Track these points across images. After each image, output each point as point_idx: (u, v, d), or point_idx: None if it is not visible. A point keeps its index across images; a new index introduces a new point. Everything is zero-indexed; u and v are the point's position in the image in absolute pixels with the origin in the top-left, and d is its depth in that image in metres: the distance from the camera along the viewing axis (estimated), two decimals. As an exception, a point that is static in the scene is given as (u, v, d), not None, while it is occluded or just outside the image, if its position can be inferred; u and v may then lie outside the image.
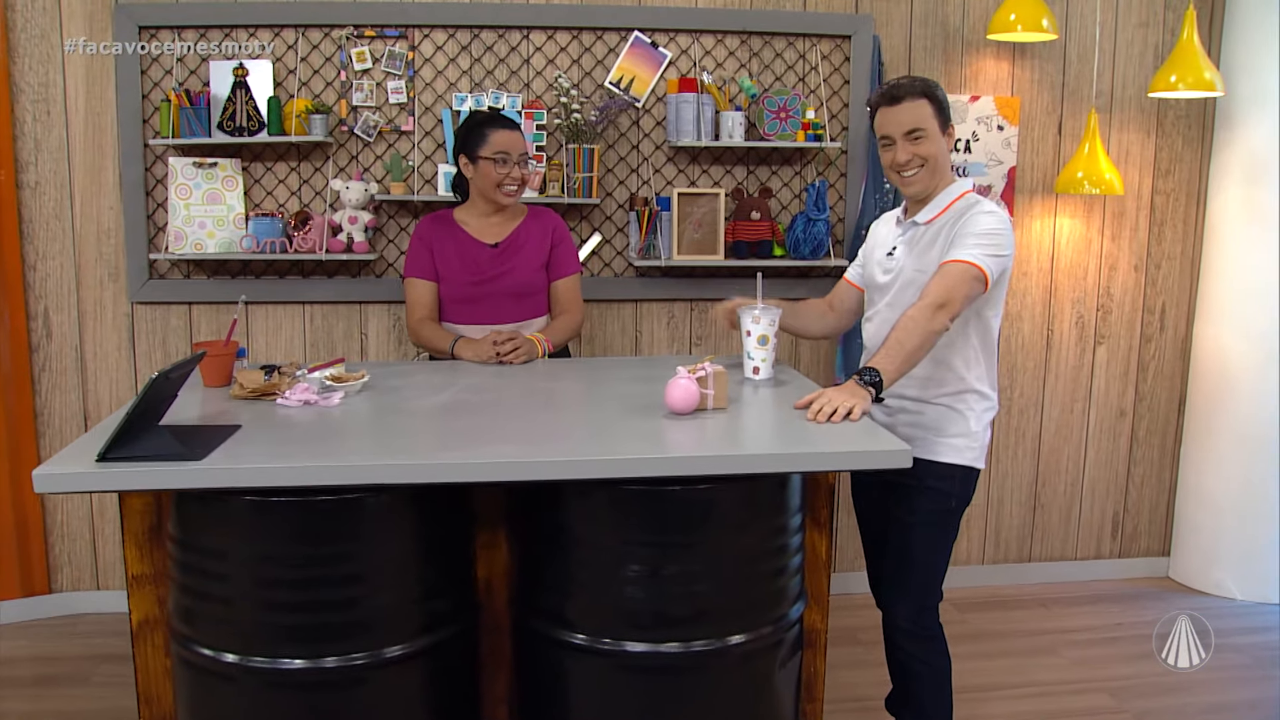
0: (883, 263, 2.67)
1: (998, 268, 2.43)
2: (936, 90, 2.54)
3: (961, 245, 2.42)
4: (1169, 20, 3.95)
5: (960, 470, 2.55)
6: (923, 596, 2.62)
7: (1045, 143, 4.00)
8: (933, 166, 2.52)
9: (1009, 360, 4.09)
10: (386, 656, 2.09)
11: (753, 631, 2.14)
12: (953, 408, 2.55)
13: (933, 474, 2.53)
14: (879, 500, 2.70)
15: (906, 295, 2.52)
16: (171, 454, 1.90)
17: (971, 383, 2.55)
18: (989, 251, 2.41)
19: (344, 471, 1.92)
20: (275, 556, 2.02)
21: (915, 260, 2.56)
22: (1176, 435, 4.25)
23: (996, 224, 2.45)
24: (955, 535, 2.66)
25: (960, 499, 2.59)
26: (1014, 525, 4.21)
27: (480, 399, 2.45)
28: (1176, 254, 4.13)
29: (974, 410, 2.56)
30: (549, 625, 2.14)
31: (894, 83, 2.55)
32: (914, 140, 2.51)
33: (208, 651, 2.06)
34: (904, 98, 2.50)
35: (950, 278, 2.38)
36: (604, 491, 2.04)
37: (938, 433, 2.55)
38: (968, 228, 2.45)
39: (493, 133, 3.01)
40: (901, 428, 2.56)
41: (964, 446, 2.55)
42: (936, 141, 2.52)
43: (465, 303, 3.05)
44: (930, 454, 2.54)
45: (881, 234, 2.75)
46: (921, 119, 2.50)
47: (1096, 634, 3.76)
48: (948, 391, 2.55)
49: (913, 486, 2.54)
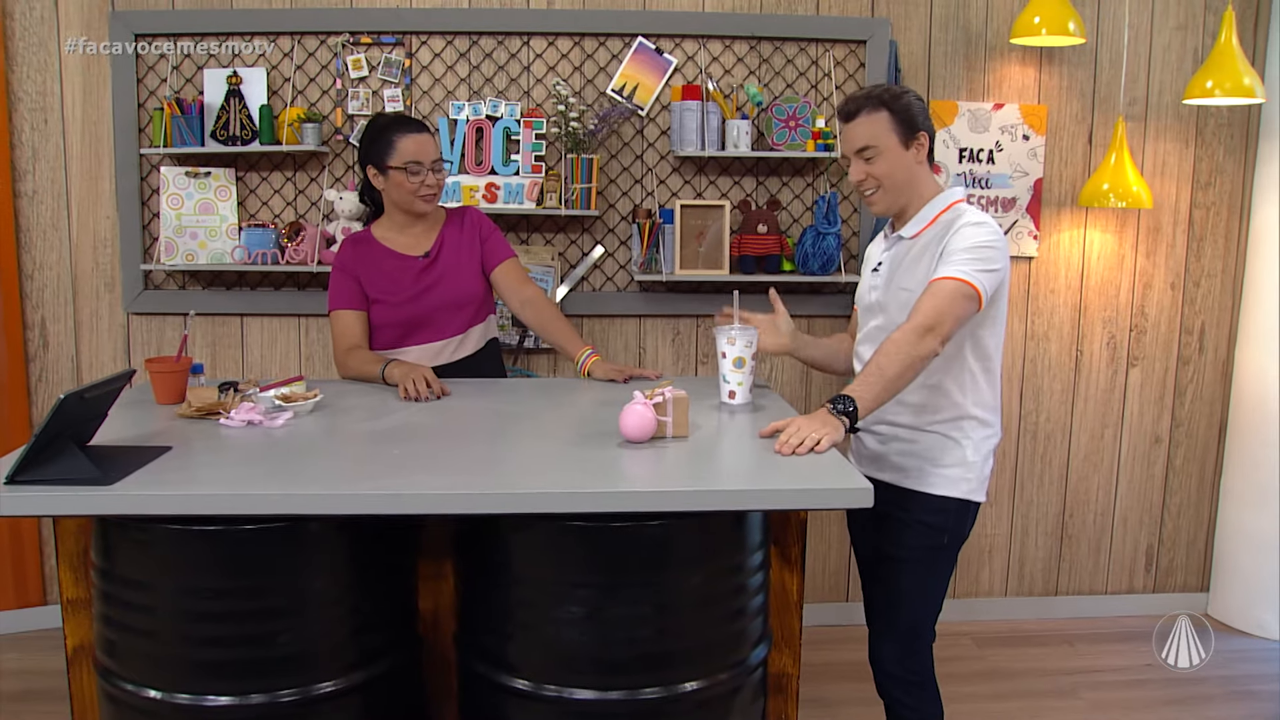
0: (869, 280, 2.51)
1: (992, 283, 2.24)
2: (901, 98, 2.34)
3: (950, 260, 2.25)
4: (1209, 23, 3.72)
5: (955, 503, 2.37)
6: (910, 639, 2.44)
7: (1074, 153, 3.79)
8: (892, 185, 2.36)
9: (1034, 382, 3.87)
10: (318, 693, 1.98)
11: (708, 678, 1.99)
12: (948, 436, 2.36)
13: (925, 507, 2.36)
14: (871, 529, 2.52)
15: (896, 315, 2.35)
16: (80, 478, 1.81)
17: (969, 408, 2.36)
18: (981, 266, 2.23)
19: (255, 500, 1.81)
20: (197, 588, 1.92)
21: (902, 277, 2.38)
22: (1216, 464, 3.99)
23: (987, 235, 2.27)
24: (950, 573, 2.47)
25: (954, 534, 2.40)
26: (1039, 557, 3.99)
27: (431, 422, 2.33)
28: (1217, 271, 3.88)
29: (972, 439, 2.37)
30: (491, 668, 2.01)
31: (849, 96, 2.39)
32: (866, 159, 2.35)
33: (130, 686, 1.96)
34: (857, 113, 2.34)
35: (939, 297, 2.20)
36: (542, 526, 1.91)
37: (932, 462, 2.37)
38: (956, 241, 2.27)
39: (401, 139, 2.77)
40: (894, 457, 2.41)
41: (959, 477, 2.36)
42: (893, 158, 2.34)
43: (404, 325, 2.85)
44: (923, 485, 2.37)
45: (871, 251, 2.59)
46: (874, 135, 2.33)
47: (1122, 675, 3.53)
48: (943, 418, 2.36)
49: (902, 519, 2.39)
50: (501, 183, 3.55)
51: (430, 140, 2.82)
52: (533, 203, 3.55)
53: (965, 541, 2.45)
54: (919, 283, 2.30)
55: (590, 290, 3.72)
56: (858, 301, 2.61)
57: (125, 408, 2.39)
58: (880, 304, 2.44)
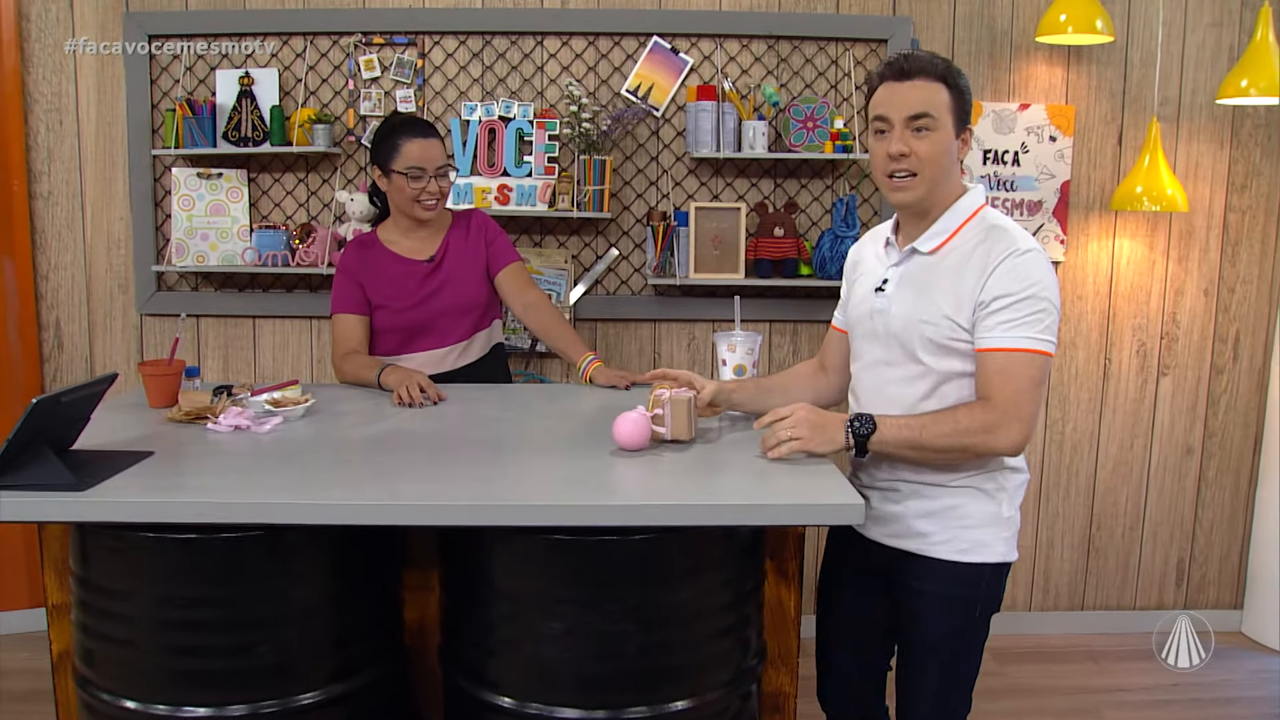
0: (870, 302, 2.07)
1: (1056, 332, 1.92)
2: (961, 79, 1.95)
3: (1013, 319, 1.87)
4: (1245, 19, 3.59)
5: (989, 570, 2.01)
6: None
7: (1103, 155, 3.67)
8: (932, 173, 1.94)
9: (1060, 391, 3.76)
10: (299, 704, 1.94)
11: (697, 697, 1.92)
12: (981, 489, 1.99)
13: (956, 578, 2.00)
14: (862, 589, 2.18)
15: (916, 349, 1.98)
16: (52, 483, 1.78)
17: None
18: (1049, 320, 1.88)
19: (226, 509, 1.77)
20: (175, 596, 1.88)
21: (914, 303, 1.98)
22: (1251, 476, 3.85)
23: (1044, 271, 1.90)
24: (984, 644, 2.09)
25: (987, 603, 2.04)
26: (1065, 570, 3.87)
27: (422, 429, 2.28)
28: (1253, 277, 3.74)
29: (1006, 490, 2.01)
30: (474, 684, 1.95)
31: (902, 54, 1.96)
32: (917, 131, 1.92)
33: (107, 697, 1.93)
34: (916, 74, 1.92)
35: (1016, 379, 1.85)
36: (524, 538, 1.85)
37: (961, 523, 1.99)
38: (1010, 284, 1.87)
39: (405, 144, 2.72)
40: (912, 519, 2.02)
41: (994, 539, 2.00)
42: (944, 141, 1.93)
43: (407, 330, 2.81)
44: (952, 553, 1.99)
45: (869, 262, 2.15)
46: (934, 104, 1.91)
47: (1148, 694, 3.41)
48: (973, 469, 1.98)
49: (925, 593, 2.03)
50: (514, 184, 3.51)
51: (436, 145, 2.76)
52: (545, 205, 3.50)
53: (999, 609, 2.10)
54: (939, 312, 1.94)
55: (604, 294, 3.66)
56: (849, 323, 2.18)
57: (116, 411, 2.37)
58: (890, 333, 2.02)
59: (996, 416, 1.87)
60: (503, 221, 3.46)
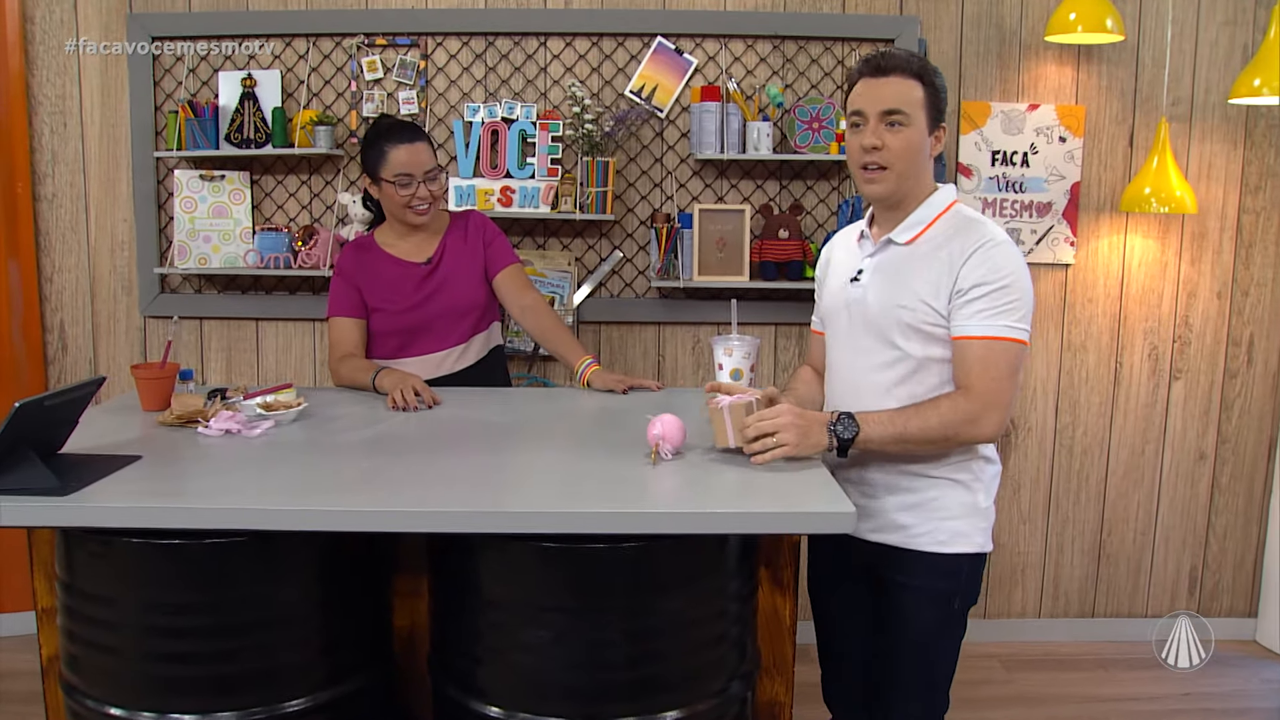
0: (845, 293, 2.13)
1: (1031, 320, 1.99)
2: (937, 78, 2.02)
3: (986, 305, 1.93)
4: (1259, 18, 3.53)
5: (968, 560, 2.07)
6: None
7: (1114, 155, 3.62)
8: (904, 168, 2.00)
9: (1070, 395, 3.71)
10: (286, 711, 1.92)
11: (688, 707, 1.89)
12: (957, 480, 2.05)
13: (937, 570, 2.05)
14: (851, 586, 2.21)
15: (891, 333, 2.03)
16: (35, 487, 1.76)
17: (979, 446, 2.06)
18: (1023, 310, 1.94)
19: (211, 515, 1.75)
20: (160, 602, 1.86)
21: (890, 291, 2.03)
22: (1266, 483, 3.79)
23: (1019, 263, 1.97)
24: (961, 639, 2.15)
25: (966, 595, 2.10)
26: (1075, 577, 3.82)
27: (415, 433, 2.25)
28: (1268, 279, 3.68)
29: (982, 480, 2.07)
30: (462, 693, 1.92)
31: (879, 51, 2.05)
32: (891, 125, 1.98)
33: (92, 703, 1.92)
34: (892, 71, 1.99)
35: (995, 366, 1.91)
36: (512, 545, 1.82)
37: (940, 515, 2.05)
38: (982, 271, 1.94)
39: (392, 150, 2.68)
40: (893, 513, 2.07)
41: (972, 529, 2.07)
42: (918, 137, 1.99)
43: (404, 334, 2.78)
44: (932, 544, 2.05)
45: (840, 257, 2.22)
46: (908, 101, 1.98)
47: (1158, 704, 3.35)
48: (952, 461, 2.04)
49: (909, 588, 2.07)
50: (517, 186, 3.48)
51: (424, 150, 2.73)
52: (548, 207, 3.47)
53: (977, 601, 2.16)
54: (914, 298, 2.00)
55: (608, 296, 3.63)
56: (824, 317, 2.25)
57: (109, 414, 2.36)
58: (866, 320, 2.08)
59: (978, 406, 1.93)
60: (505, 223, 3.44)
